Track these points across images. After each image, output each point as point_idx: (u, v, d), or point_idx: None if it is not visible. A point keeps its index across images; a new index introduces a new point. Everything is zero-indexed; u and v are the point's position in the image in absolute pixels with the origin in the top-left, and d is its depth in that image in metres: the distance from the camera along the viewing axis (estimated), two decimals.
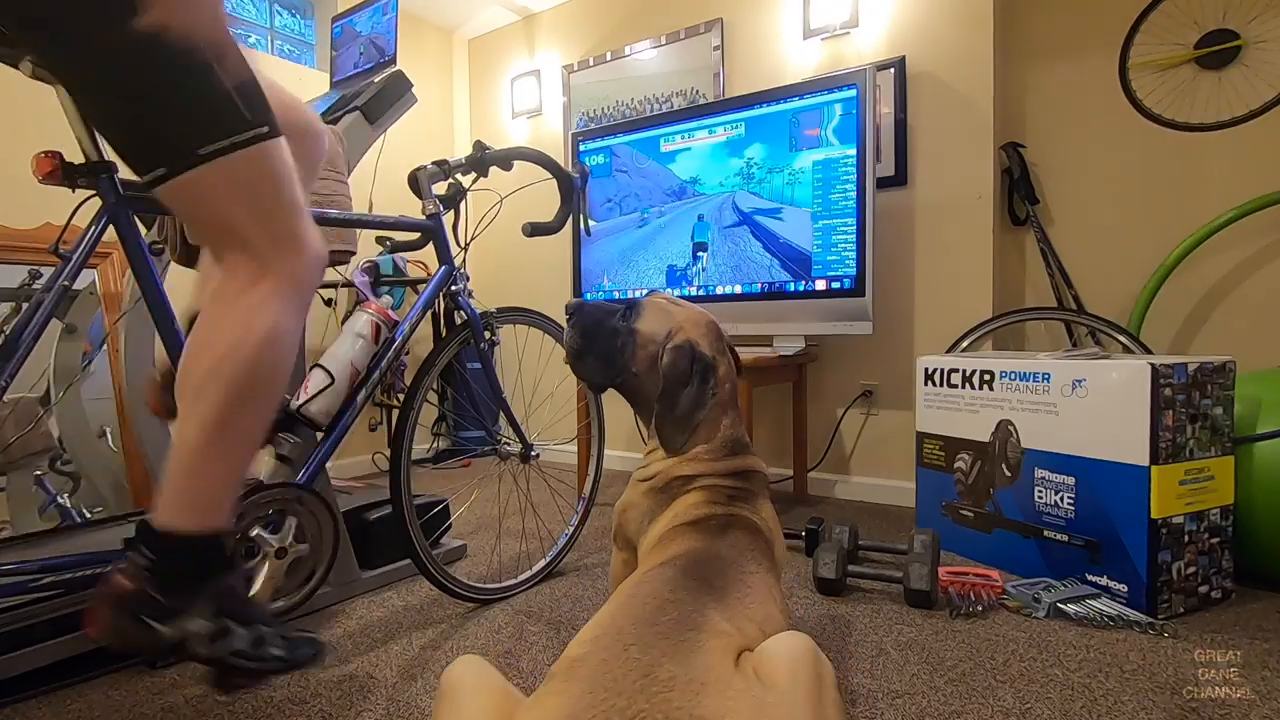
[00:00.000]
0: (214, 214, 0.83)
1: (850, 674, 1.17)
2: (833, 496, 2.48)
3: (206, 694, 1.15)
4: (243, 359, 0.80)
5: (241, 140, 0.80)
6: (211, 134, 0.78)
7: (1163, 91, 2.14)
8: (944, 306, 2.27)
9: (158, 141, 0.79)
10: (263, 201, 0.83)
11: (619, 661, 0.62)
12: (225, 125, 0.79)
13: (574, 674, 0.62)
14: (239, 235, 0.83)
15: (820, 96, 2.13)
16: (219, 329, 0.82)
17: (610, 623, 0.68)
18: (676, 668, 0.61)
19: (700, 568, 0.80)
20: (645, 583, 0.76)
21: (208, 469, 0.81)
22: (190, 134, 0.78)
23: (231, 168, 0.80)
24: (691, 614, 0.70)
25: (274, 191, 0.84)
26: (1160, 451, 1.35)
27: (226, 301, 0.83)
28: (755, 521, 0.94)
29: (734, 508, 0.94)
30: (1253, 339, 2.03)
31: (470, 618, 1.45)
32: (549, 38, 3.26)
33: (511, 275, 3.43)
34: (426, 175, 1.47)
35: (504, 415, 1.62)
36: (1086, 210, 2.28)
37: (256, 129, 0.81)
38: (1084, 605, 1.37)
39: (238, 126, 0.80)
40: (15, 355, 0.88)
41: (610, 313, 1.08)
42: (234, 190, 0.81)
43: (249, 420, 0.84)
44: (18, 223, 1.94)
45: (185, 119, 0.78)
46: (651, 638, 0.65)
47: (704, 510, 0.93)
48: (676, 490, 0.98)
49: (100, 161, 0.94)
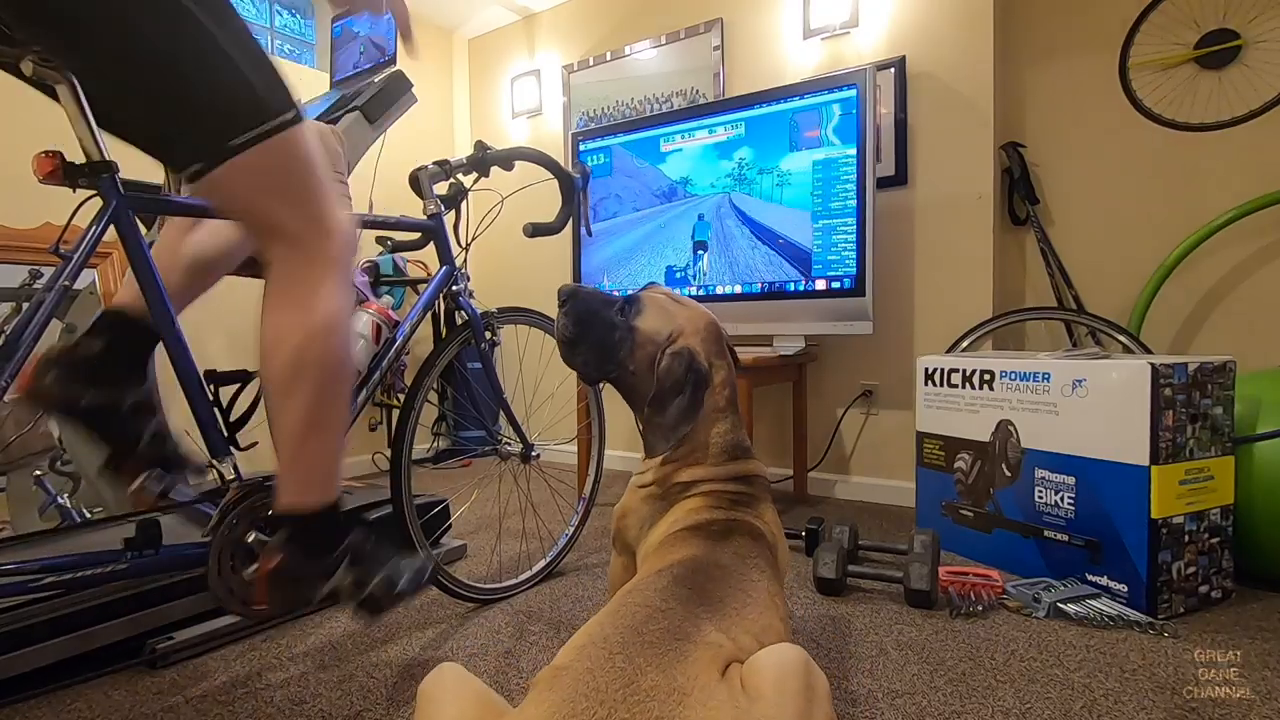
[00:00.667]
0: (252, 204, 0.86)
1: (850, 674, 1.17)
2: (833, 496, 2.48)
3: (206, 694, 1.15)
4: (317, 351, 0.87)
5: (271, 128, 0.82)
6: (242, 125, 0.80)
7: (1163, 91, 2.14)
8: (944, 306, 2.27)
9: (189, 136, 0.81)
10: (297, 187, 0.86)
11: (603, 670, 0.61)
12: (255, 115, 0.81)
13: (557, 683, 0.61)
14: (279, 223, 0.86)
15: (820, 96, 2.13)
16: (287, 326, 0.87)
17: (598, 631, 0.68)
18: (660, 677, 0.60)
19: (696, 576, 0.79)
20: (637, 591, 0.75)
21: (312, 454, 0.90)
22: (222, 126, 0.80)
23: (263, 156, 0.82)
24: (681, 624, 0.69)
25: (306, 177, 0.87)
26: (1160, 451, 1.35)
27: (284, 296, 0.88)
28: (758, 526, 0.93)
29: (736, 512, 0.93)
30: (1253, 339, 2.03)
31: (470, 618, 1.45)
32: (549, 38, 3.26)
33: (512, 275, 3.43)
34: (427, 175, 1.47)
35: (504, 415, 1.62)
36: (1086, 210, 2.28)
37: (283, 115, 0.83)
38: (1084, 605, 1.37)
39: (265, 115, 0.82)
40: (15, 355, 0.88)
41: (607, 303, 1.05)
42: (268, 179, 0.84)
43: (337, 403, 0.91)
44: (18, 223, 1.94)
45: (215, 111, 0.80)
46: (637, 647, 0.64)
47: (705, 515, 0.92)
48: (676, 495, 0.97)
49: (101, 161, 0.94)
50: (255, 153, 0.81)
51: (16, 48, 0.85)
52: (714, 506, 0.93)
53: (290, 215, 0.86)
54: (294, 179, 0.86)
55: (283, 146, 0.83)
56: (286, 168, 0.85)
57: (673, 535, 0.90)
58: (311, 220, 0.88)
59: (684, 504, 0.95)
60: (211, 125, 0.80)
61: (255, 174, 0.83)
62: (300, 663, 1.26)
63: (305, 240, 0.87)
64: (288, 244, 0.87)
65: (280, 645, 1.33)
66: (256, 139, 0.81)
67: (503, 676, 1.19)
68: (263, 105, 0.82)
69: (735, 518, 0.92)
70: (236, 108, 0.80)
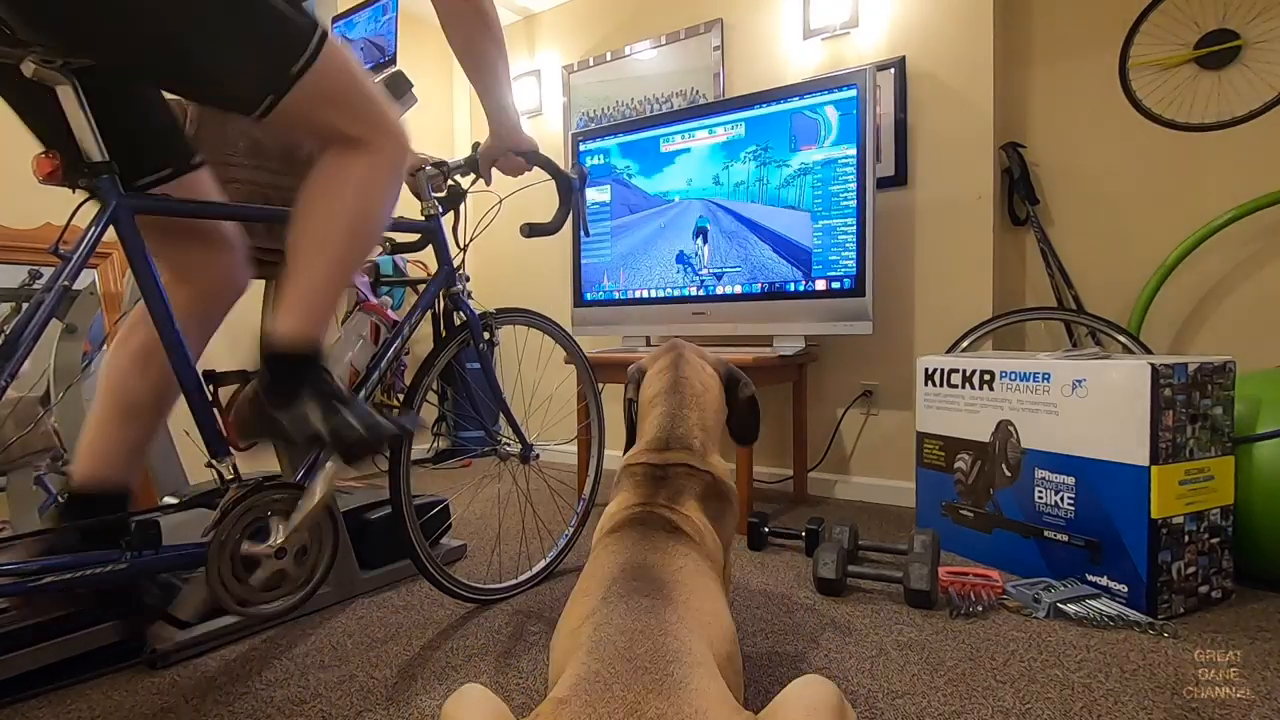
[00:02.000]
0: (319, 120, 0.95)
1: (850, 674, 1.17)
2: (833, 496, 2.48)
3: (207, 694, 1.15)
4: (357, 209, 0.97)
5: (315, 49, 0.90)
6: (295, 51, 0.89)
7: (1163, 91, 2.14)
8: (944, 306, 2.27)
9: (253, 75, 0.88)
10: (352, 95, 0.96)
11: (604, 702, 0.60)
12: (300, 40, 0.90)
13: (561, 714, 0.61)
14: (344, 131, 0.96)
15: (820, 96, 2.13)
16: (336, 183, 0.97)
17: (585, 670, 0.66)
18: (665, 705, 0.60)
19: (641, 583, 0.78)
20: (607, 623, 0.72)
21: (323, 293, 0.98)
22: (281, 58, 0.89)
23: (317, 76, 0.91)
24: (663, 640, 0.68)
25: (355, 84, 0.97)
26: (1160, 451, 1.35)
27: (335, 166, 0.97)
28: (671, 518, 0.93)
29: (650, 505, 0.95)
30: (1253, 339, 2.03)
31: (470, 618, 1.45)
32: (549, 38, 3.26)
33: (511, 276, 3.43)
34: (426, 176, 1.47)
35: (504, 416, 1.62)
36: (1086, 210, 2.28)
37: (316, 35, 0.91)
38: (1084, 605, 1.37)
39: (307, 38, 0.90)
40: (15, 355, 0.88)
41: None
42: (327, 94, 0.93)
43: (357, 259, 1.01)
44: (18, 223, 1.94)
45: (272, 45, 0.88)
46: (632, 674, 0.64)
47: (620, 516, 0.95)
48: (616, 489, 1.03)
49: (101, 162, 0.94)
50: (312, 73, 0.90)
51: (18, 48, 0.85)
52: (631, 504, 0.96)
53: (352, 121, 0.96)
54: (346, 89, 0.96)
55: (328, 62, 0.92)
56: (337, 80, 0.94)
57: (598, 543, 0.93)
58: (372, 124, 0.98)
59: (615, 499, 1.01)
60: (273, 59, 0.88)
61: (315, 93, 0.92)
62: (300, 663, 1.26)
63: (365, 139, 0.97)
64: (347, 143, 0.97)
65: (280, 645, 1.33)
66: (309, 60, 0.89)
67: (502, 677, 1.19)
68: (303, 30, 0.90)
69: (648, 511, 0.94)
70: (287, 38, 0.89)
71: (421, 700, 1.12)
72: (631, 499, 0.97)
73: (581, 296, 2.71)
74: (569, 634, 0.77)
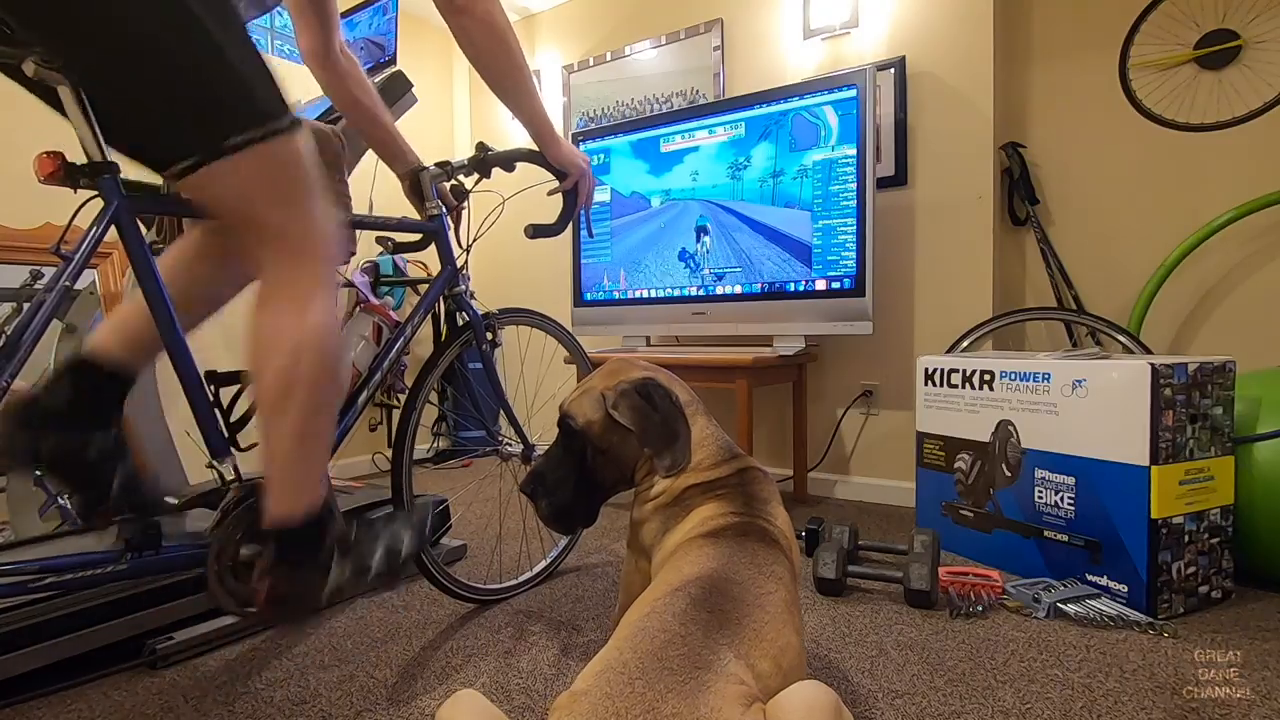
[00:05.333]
0: (239, 205, 0.86)
1: (850, 674, 1.17)
2: (833, 496, 2.48)
3: (207, 694, 1.15)
4: (306, 368, 0.86)
5: (266, 133, 0.82)
6: (239, 125, 0.81)
7: (1163, 91, 2.14)
8: (944, 306, 2.27)
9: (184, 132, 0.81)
10: (287, 193, 0.87)
11: (623, 696, 0.60)
12: (251, 118, 0.82)
13: (576, 707, 0.61)
14: (264, 226, 0.87)
15: (820, 96, 2.13)
16: (277, 337, 0.87)
17: (616, 657, 0.67)
18: (681, 705, 0.60)
19: (713, 597, 0.76)
20: (655, 615, 0.73)
21: (304, 461, 0.91)
22: (218, 125, 0.80)
23: (256, 160, 0.82)
24: (701, 651, 0.67)
25: (297, 184, 0.87)
26: (1160, 451, 1.35)
27: (274, 305, 0.88)
28: (770, 530, 0.92)
29: (749, 516, 0.92)
30: (1253, 339, 2.03)
31: (470, 618, 1.45)
32: (549, 38, 3.26)
33: (513, 276, 3.43)
34: (428, 176, 1.47)
35: (505, 416, 1.62)
36: (1086, 210, 2.28)
37: (278, 122, 0.83)
38: (1084, 605, 1.37)
39: (261, 120, 0.82)
40: (16, 355, 0.88)
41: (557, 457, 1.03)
42: (259, 183, 0.84)
43: (327, 413, 0.93)
44: (19, 223, 1.94)
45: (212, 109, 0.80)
46: (658, 673, 0.63)
47: (719, 521, 0.91)
48: (686, 501, 0.96)
49: (103, 162, 0.94)
50: (249, 155, 0.82)
51: (19, 48, 0.85)
52: (728, 512, 0.92)
53: (282, 220, 0.87)
54: (285, 185, 0.86)
55: (277, 152, 0.84)
56: (278, 174, 0.86)
57: (688, 543, 0.89)
58: (304, 227, 0.88)
59: (699, 510, 0.94)
60: (208, 123, 0.80)
61: (246, 176, 0.84)
62: (300, 663, 1.26)
63: (295, 247, 0.88)
64: (274, 249, 0.88)
65: (280, 645, 1.33)
66: (251, 141, 0.81)
67: (502, 677, 1.19)
68: (259, 110, 0.83)
69: (749, 522, 0.91)
70: (235, 109, 0.81)
71: (422, 700, 1.12)
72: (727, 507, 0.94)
73: (581, 296, 2.71)
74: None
